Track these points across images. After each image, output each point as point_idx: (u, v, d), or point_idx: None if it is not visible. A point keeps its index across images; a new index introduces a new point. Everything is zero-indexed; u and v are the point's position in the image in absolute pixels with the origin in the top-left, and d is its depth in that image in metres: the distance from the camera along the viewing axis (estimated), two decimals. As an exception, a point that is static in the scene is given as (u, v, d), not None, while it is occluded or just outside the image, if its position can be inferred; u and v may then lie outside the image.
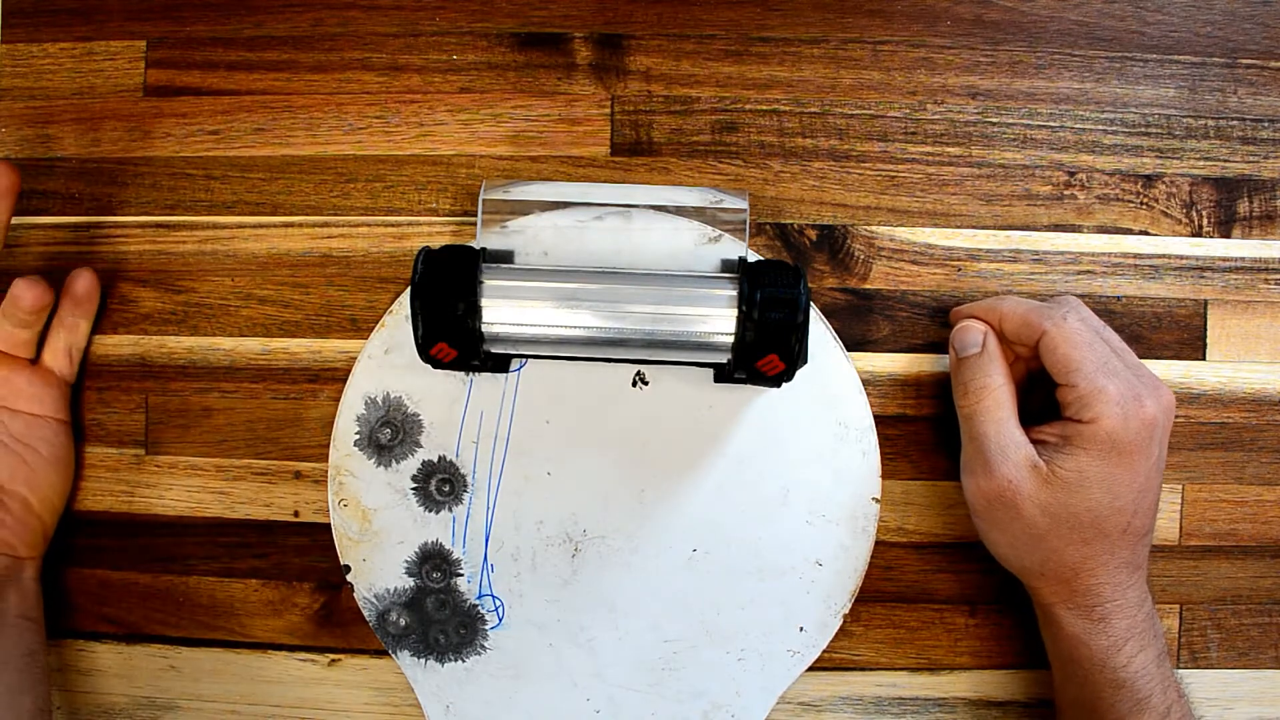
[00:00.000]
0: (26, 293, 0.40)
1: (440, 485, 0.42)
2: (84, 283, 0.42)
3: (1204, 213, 0.43)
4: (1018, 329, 0.38)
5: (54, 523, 0.43)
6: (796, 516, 0.41)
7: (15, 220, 0.44)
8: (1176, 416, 0.42)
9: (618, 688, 0.42)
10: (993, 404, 0.37)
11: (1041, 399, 0.40)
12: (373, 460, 0.42)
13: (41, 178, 0.44)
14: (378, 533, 0.42)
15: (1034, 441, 0.37)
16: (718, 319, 0.37)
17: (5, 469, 0.41)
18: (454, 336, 0.37)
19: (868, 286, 0.43)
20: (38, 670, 0.40)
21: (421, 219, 0.43)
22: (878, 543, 0.42)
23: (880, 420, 0.42)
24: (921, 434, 0.43)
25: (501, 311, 0.37)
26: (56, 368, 0.42)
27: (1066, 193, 0.43)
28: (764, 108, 0.43)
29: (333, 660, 0.44)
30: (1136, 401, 0.35)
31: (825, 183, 0.43)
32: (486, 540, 0.42)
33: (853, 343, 0.43)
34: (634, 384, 0.42)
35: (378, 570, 0.42)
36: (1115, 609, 0.36)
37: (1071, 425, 0.36)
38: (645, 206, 0.40)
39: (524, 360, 0.42)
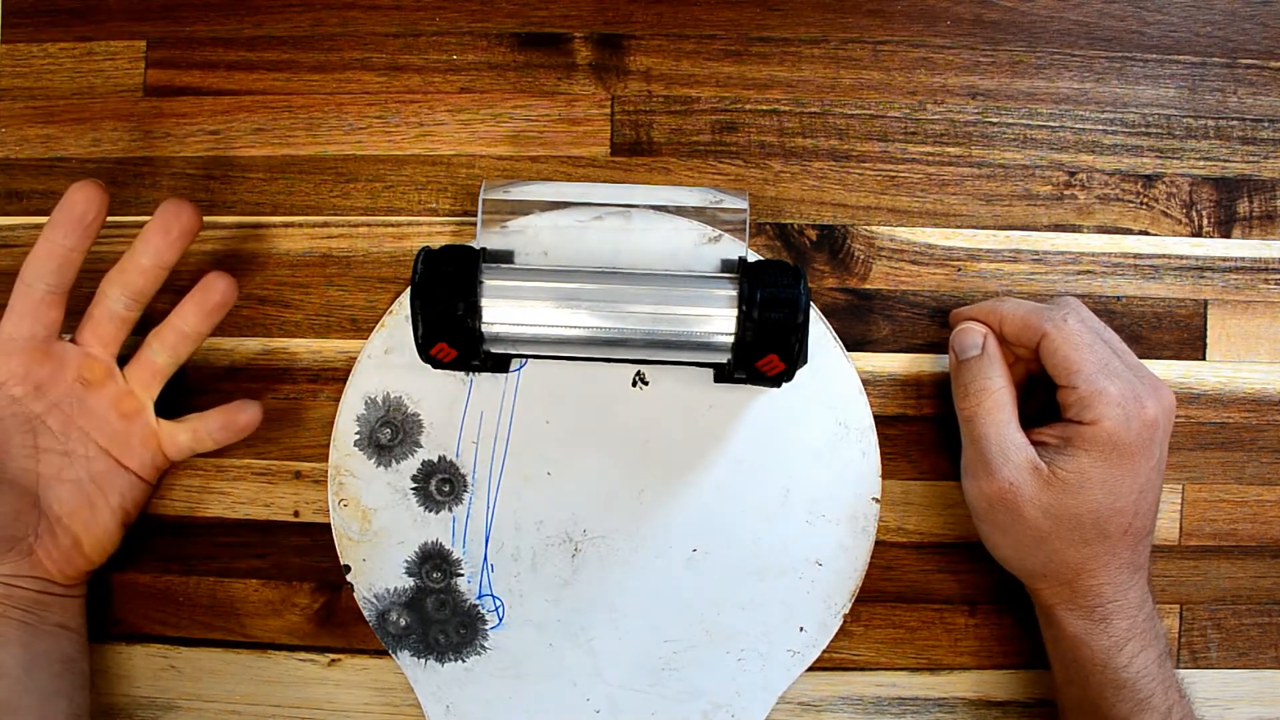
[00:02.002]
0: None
1: (440, 485, 0.42)
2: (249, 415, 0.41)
3: (1204, 213, 0.43)
4: (1018, 331, 0.38)
5: (100, 562, 0.41)
6: (796, 516, 0.41)
7: (15, 221, 0.44)
8: (1176, 416, 0.42)
9: (618, 688, 0.42)
10: (993, 406, 0.37)
11: (1042, 401, 0.40)
12: (373, 460, 0.42)
13: (42, 178, 0.44)
14: (378, 533, 0.42)
15: (1035, 443, 0.37)
16: (718, 319, 0.37)
17: (69, 505, 0.39)
18: (454, 336, 0.37)
19: (868, 286, 0.43)
20: (75, 677, 0.39)
21: (421, 219, 0.43)
22: (878, 543, 0.42)
23: (880, 420, 0.42)
24: (921, 434, 0.43)
25: (501, 311, 0.37)
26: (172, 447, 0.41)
27: (1066, 193, 0.43)
28: (764, 108, 0.43)
29: (333, 660, 0.44)
30: (1137, 403, 0.35)
31: (825, 183, 0.43)
32: (486, 540, 0.42)
33: (853, 343, 0.43)
34: (634, 384, 0.42)
35: (378, 570, 0.42)
36: (1116, 609, 0.36)
37: (1072, 427, 0.36)
38: (645, 206, 0.40)
39: (524, 360, 0.42)
